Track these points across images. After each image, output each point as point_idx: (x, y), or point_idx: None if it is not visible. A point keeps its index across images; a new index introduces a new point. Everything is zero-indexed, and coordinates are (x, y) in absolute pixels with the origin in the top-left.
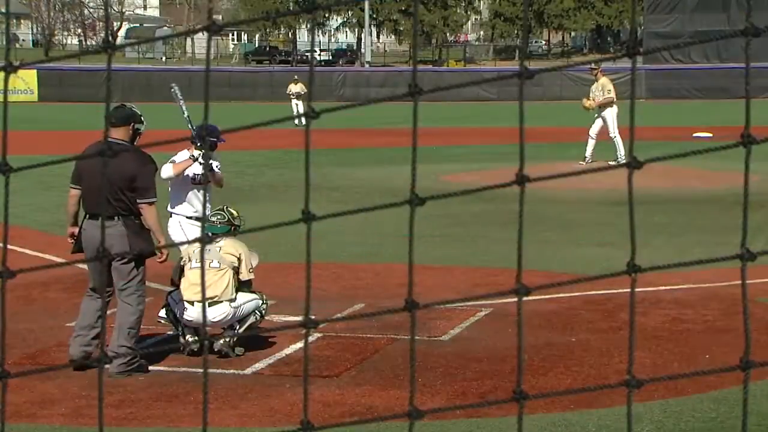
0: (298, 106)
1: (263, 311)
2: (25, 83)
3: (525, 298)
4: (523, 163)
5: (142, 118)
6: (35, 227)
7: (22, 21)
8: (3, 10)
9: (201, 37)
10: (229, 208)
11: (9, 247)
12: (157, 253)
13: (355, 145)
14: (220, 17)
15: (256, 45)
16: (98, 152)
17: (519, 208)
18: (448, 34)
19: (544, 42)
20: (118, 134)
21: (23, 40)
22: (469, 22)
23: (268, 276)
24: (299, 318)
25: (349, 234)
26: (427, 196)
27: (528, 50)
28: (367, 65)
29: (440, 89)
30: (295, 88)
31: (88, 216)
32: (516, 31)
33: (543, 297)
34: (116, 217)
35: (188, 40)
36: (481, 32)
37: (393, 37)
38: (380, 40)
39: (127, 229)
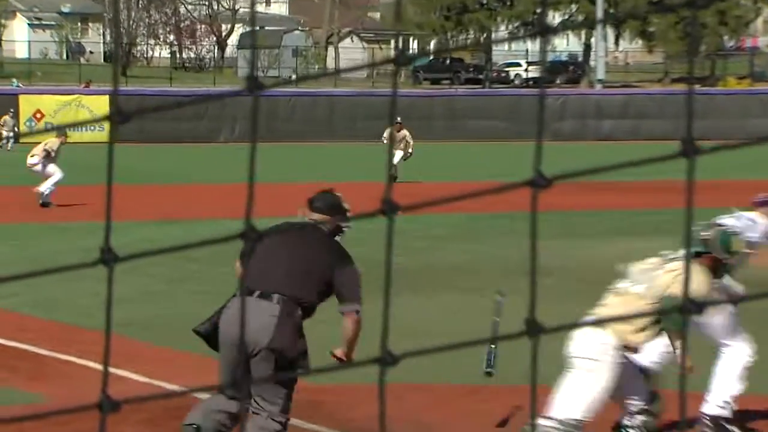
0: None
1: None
2: (92, 113)
3: None
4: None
5: (348, 214)
6: (142, 338)
7: (90, 25)
8: (66, 10)
9: (349, 45)
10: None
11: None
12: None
13: (582, 206)
14: (378, 15)
15: (431, 57)
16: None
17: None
18: (726, 38)
19: None
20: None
21: (91, 51)
22: (760, 18)
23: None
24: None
25: None
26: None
27: None
28: (598, 85)
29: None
30: (396, 135)
31: (241, 293)
32: None
33: None
34: (276, 298)
35: (329, 49)
36: None
37: (639, 42)
38: (619, 47)
39: (282, 317)
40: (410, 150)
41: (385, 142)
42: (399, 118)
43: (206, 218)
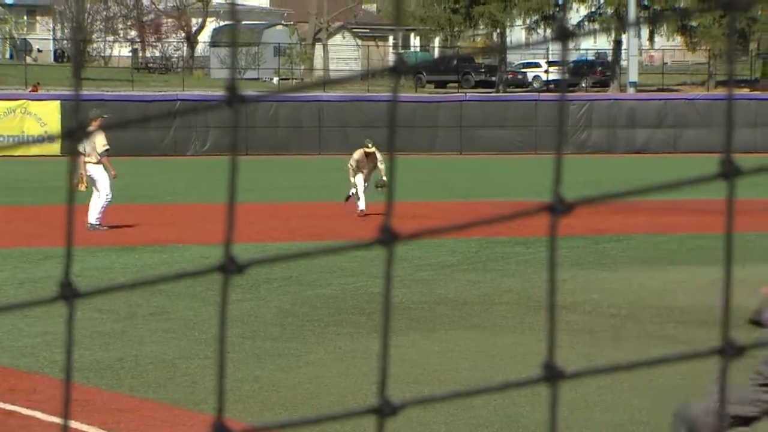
0: (356, 188)
1: None
2: (42, 124)
3: None
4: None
5: None
6: (96, 384)
7: (38, 19)
8: (9, 2)
9: (339, 42)
10: None
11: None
12: None
13: (612, 230)
14: (374, 7)
15: (435, 55)
16: None
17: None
18: None
19: None
20: None
21: (39, 50)
22: None
23: None
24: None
25: None
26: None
27: None
28: (631, 89)
29: None
30: (366, 157)
31: None
32: None
33: None
34: None
35: (317, 46)
36: None
37: (678, 39)
38: (655, 45)
39: None
40: (383, 176)
41: (352, 176)
42: (370, 142)
43: (173, 244)
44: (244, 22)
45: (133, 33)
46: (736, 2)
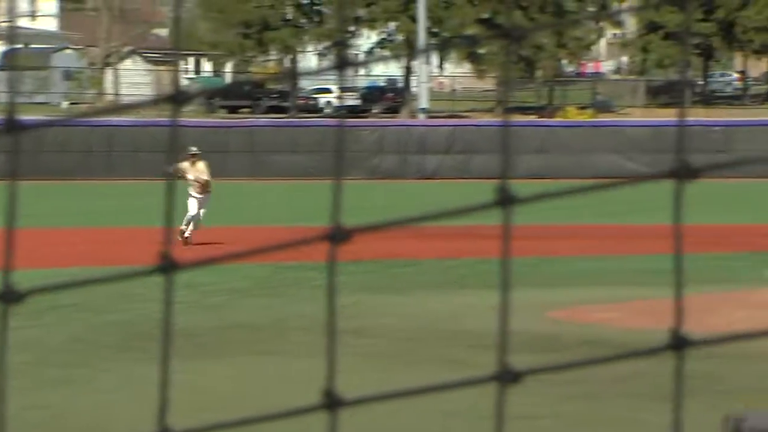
0: (198, 204)
1: None
2: None
3: None
4: None
5: None
6: None
7: None
8: None
9: (130, 66)
10: None
11: None
12: None
13: (405, 254)
14: (164, 32)
15: (225, 80)
16: None
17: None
18: (565, 62)
19: (736, 75)
20: None
21: None
22: (603, 39)
23: None
24: None
25: None
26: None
27: (708, 89)
28: (421, 115)
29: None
30: (193, 170)
31: None
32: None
33: None
34: None
35: (107, 70)
36: (625, 58)
37: (469, 66)
38: (444, 72)
39: None
40: (209, 189)
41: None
42: (195, 148)
43: None
44: (31, 46)
45: None
46: (512, 32)
